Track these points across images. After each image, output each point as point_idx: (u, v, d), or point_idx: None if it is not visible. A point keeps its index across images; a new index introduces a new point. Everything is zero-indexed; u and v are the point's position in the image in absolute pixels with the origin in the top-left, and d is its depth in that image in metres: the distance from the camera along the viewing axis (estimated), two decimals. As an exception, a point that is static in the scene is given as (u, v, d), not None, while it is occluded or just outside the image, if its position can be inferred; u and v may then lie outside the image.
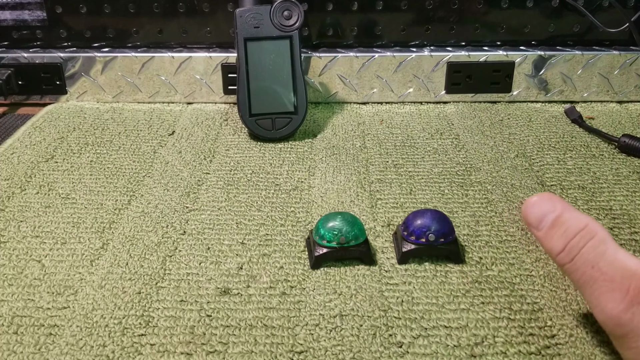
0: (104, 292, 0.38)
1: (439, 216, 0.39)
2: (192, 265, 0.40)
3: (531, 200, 0.32)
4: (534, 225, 0.32)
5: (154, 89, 0.66)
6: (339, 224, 0.39)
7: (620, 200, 0.48)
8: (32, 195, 0.48)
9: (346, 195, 0.48)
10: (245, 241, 0.43)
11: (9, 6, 0.65)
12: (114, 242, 0.42)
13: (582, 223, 0.30)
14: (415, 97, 0.67)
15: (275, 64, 0.57)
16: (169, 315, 0.36)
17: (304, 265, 0.40)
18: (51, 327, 0.35)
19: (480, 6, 0.65)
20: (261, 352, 0.33)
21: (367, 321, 0.35)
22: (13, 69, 0.65)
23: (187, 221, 0.45)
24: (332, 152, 0.56)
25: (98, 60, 0.65)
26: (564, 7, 0.65)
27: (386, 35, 0.66)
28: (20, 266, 0.40)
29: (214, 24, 0.65)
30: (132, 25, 0.66)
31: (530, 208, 0.32)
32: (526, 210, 0.33)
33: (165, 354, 0.33)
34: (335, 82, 0.66)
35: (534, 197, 0.32)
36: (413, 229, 0.39)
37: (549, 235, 0.31)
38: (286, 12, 0.56)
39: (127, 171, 0.52)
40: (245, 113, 0.57)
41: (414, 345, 0.33)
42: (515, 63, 0.65)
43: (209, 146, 0.57)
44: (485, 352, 0.33)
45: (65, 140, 0.58)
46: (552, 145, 0.57)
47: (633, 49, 0.65)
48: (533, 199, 0.32)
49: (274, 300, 0.37)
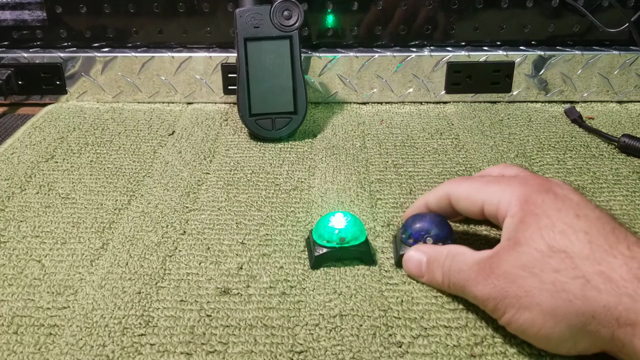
0: (104, 292, 0.38)
1: (438, 220, 0.39)
2: (192, 265, 0.40)
3: (406, 256, 0.38)
4: (417, 274, 0.38)
5: (154, 89, 0.66)
6: (339, 223, 0.39)
7: (620, 200, 0.48)
8: (32, 195, 0.48)
9: (346, 195, 0.48)
10: (245, 241, 0.43)
11: (9, 6, 0.65)
12: (114, 242, 0.42)
13: (445, 250, 0.36)
14: (415, 97, 0.67)
15: (275, 64, 0.57)
16: (169, 315, 0.36)
17: (304, 265, 0.40)
18: (51, 327, 0.35)
19: (480, 6, 0.65)
20: (261, 352, 0.33)
21: (367, 321, 0.35)
22: (13, 69, 0.65)
23: (187, 221, 0.45)
24: (332, 152, 0.56)
25: (98, 60, 0.65)
26: (564, 7, 0.65)
27: (386, 35, 0.66)
28: (20, 266, 0.40)
29: (214, 24, 0.65)
30: (132, 25, 0.66)
31: (407, 263, 0.38)
32: (406, 267, 0.39)
33: (165, 353, 0.33)
34: (335, 82, 0.66)
35: (407, 253, 0.38)
36: (412, 232, 0.39)
37: (431, 275, 0.37)
38: (286, 12, 0.56)
39: (127, 171, 0.52)
40: (245, 113, 0.57)
41: (414, 345, 0.33)
42: (515, 63, 0.65)
43: (209, 146, 0.57)
44: (485, 352, 0.33)
45: (65, 140, 0.58)
46: (552, 145, 0.57)
47: (633, 49, 0.65)
48: (407, 255, 0.38)
49: (274, 300, 0.37)
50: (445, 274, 0.35)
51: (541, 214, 0.32)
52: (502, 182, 0.36)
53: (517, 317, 0.31)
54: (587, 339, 0.30)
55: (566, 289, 0.29)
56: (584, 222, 0.31)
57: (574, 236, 0.30)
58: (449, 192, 0.38)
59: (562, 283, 0.29)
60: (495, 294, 0.31)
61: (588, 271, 0.29)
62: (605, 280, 0.28)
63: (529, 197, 0.33)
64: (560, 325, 0.29)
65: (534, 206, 0.32)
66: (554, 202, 0.32)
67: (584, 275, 0.29)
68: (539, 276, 0.30)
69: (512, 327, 0.32)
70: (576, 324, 0.29)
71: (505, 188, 0.35)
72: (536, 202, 0.33)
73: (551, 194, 0.33)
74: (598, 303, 0.28)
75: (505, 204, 0.34)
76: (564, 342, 0.30)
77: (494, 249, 0.33)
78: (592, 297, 0.28)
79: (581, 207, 0.32)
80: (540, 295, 0.30)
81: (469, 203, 0.37)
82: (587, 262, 0.29)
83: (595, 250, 0.30)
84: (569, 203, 0.32)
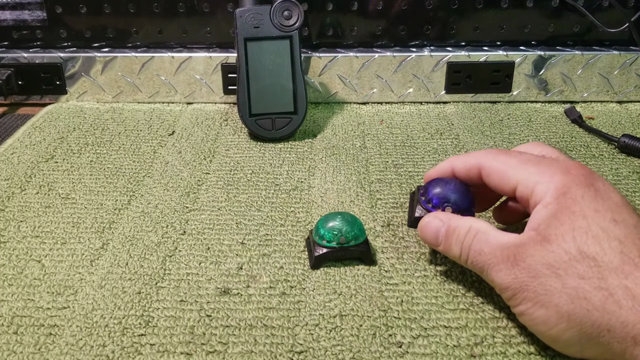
0: (104, 292, 0.38)
1: (463, 189, 0.37)
2: (192, 265, 0.40)
3: (423, 222, 0.37)
4: (433, 242, 0.36)
5: (154, 89, 0.66)
6: (338, 224, 0.39)
7: (620, 200, 0.48)
8: (32, 195, 0.48)
9: (346, 195, 0.48)
10: (245, 241, 0.43)
11: (9, 6, 0.65)
12: (114, 242, 0.42)
13: (467, 225, 0.34)
14: (415, 97, 0.67)
15: (275, 64, 0.57)
16: (168, 315, 0.36)
17: (304, 265, 0.40)
18: (51, 327, 0.35)
19: (480, 6, 0.65)
20: (261, 352, 0.33)
21: (367, 321, 0.35)
22: (13, 69, 0.65)
23: (187, 221, 0.45)
24: (332, 152, 0.56)
25: (98, 60, 0.65)
26: (563, 7, 0.65)
27: (386, 35, 0.66)
28: (20, 266, 0.40)
29: (214, 24, 0.65)
30: (132, 25, 0.66)
31: (424, 229, 0.37)
32: (423, 233, 0.37)
33: (165, 354, 0.33)
34: (335, 82, 0.66)
35: (425, 219, 0.37)
36: (432, 197, 0.38)
37: (447, 246, 0.35)
38: (286, 12, 0.56)
39: (127, 171, 0.52)
40: (245, 113, 0.57)
41: (414, 345, 0.33)
42: (515, 63, 0.65)
43: (209, 146, 0.57)
44: (485, 352, 0.33)
45: (65, 140, 0.58)
46: (552, 145, 0.57)
47: (633, 49, 0.65)
48: (424, 221, 0.37)
49: (273, 300, 0.37)
50: (464, 251, 0.34)
51: (578, 212, 0.30)
52: (542, 164, 0.33)
53: (532, 312, 0.30)
54: (596, 348, 0.29)
55: (587, 298, 0.28)
56: (621, 229, 0.30)
57: (606, 243, 0.29)
58: (482, 163, 0.36)
59: (585, 291, 0.29)
60: (516, 285, 0.31)
61: (613, 284, 0.28)
62: (629, 297, 0.28)
63: (569, 190, 0.31)
64: (573, 330, 0.29)
65: (572, 201, 0.31)
66: (594, 201, 0.31)
67: (608, 288, 0.28)
68: (562, 278, 0.29)
69: (523, 318, 0.32)
70: (589, 333, 0.29)
71: (545, 172, 0.33)
72: (575, 197, 0.31)
73: (592, 190, 0.31)
74: (617, 318, 0.28)
75: (542, 190, 0.32)
76: (571, 346, 0.30)
77: (520, 237, 0.32)
78: (611, 311, 0.28)
79: (620, 211, 0.31)
80: (560, 298, 0.29)
81: (502, 179, 0.34)
82: (614, 274, 0.28)
83: (625, 262, 0.29)
84: (608, 204, 0.31)
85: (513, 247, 0.31)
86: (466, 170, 0.37)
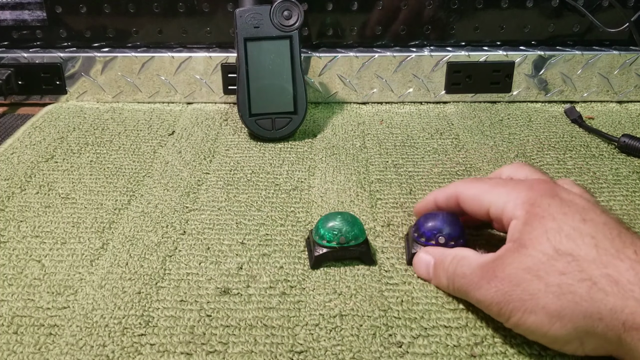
0: (104, 292, 0.38)
1: (451, 219, 0.39)
2: (192, 265, 0.40)
3: (416, 258, 0.39)
4: (425, 276, 0.38)
5: (153, 89, 0.66)
6: (338, 224, 0.39)
7: (620, 200, 0.48)
8: (32, 195, 0.48)
9: (346, 195, 0.48)
10: (245, 241, 0.43)
11: (9, 6, 0.65)
12: (114, 242, 0.42)
13: (452, 254, 0.36)
14: (415, 97, 0.67)
15: (275, 64, 0.57)
16: (168, 315, 0.36)
17: (304, 265, 0.40)
18: (51, 327, 0.35)
19: (480, 6, 0.65)
20: (261, 352, 0.33)
21: (367, 321, 0.35)
22: (13, 69, 0.65)
23: (187, 221, 0.45)
24: (332, 152, 0.56)
25: (98, 60, 0.65)
26: (563, 7, 0.65)
27: (386, 35, 0.66)
28: (20, 266, 0.40)
29: (214, 24, 0.65)
30: (132, 25, 0.66)
31: (416, 265, 0.39)
32: (415, 269, 0.39)
33: (165, 354, 0.33)
34: (335, 82, 0.66)
35: (417, 255, 0.39)
36: (424, 231, 0.39)
37: (436, 277, 0.37)
38: (286, 12, 0.56)
39: (127, 171, 0.52)
40: (245, 113, 0.57)
41: (414, 345, 0.33)
42: (515, 63, 0.65)
43: (208, 146, 0.57)
44: (485, 352, 0.33)
45: (65, 140, 0.58)
46: (552, 145, 0.57)
47: (633, 49, 0.65)
48: (417, 257, 0.39)
49: (273, 300, 0.37)
50: (449, 278, 0.35)
51: (547, 216, 0.32)
52: (508, 184, 0.36)
53: (524, 321, 0.31)
54: (594, 340, 0.29)
55: (572, 291, 0.29)
56: (590, 226, 0.31)
57: (580, 240, 0.30)
58: (458, 192, 0.38)
59: (569, 285, 0.29)
60: (499, 298, 0.31)
61: (595, 274, 0.29)
62: (612, 283, 0.28)
63: (535, 201, 0.33)
64: (568, 327, 0.29)
65: (540, 209, 0.32)
66: (560, 206, 0.32)
67: (591, 278, 0.29)
68: (544, 279, 0.30)
69: (518, 329, 0.32)
70: (583, 325, 0.29)
71: (511, 191, 0.35)
72: (542, 205, 0.33)
73: (557, 199, 0.33)
74: (605, 305, 0.28)
75: (511, 206, 0.34)
76: (571, 343, 0.30)
77: (497, 252, 0.33)
78: (598, 299, 0.28)
79: (587, 212, 0.32)
80: (546, 298, 0.30)
81: (476, 204, 0.37)
82: (593, 265, 0.29)
83: (601, 254, 0.29)
84: (574, 207, 0.32)
85: (491, 263, 0.32)
86: (446, 200, 0.39)
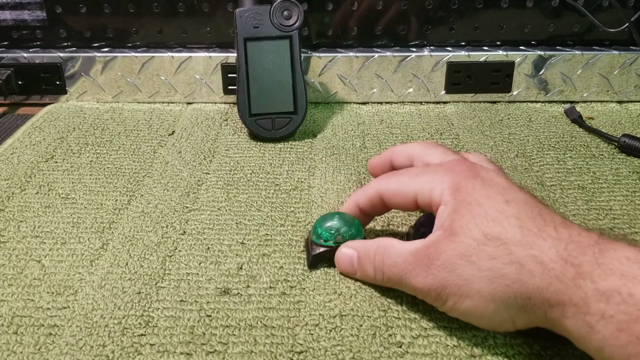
0: (104, 292, 0.37)
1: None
2: (191, 265, 0.40)
3: (338, 253, 0.38)
4: (350, 271, 0.38)
5: (153, 89, 0.66)
6: (336, 223, 0.39)
7: (620, 200, 0.48)
8: (31, 195, 0.48)
9: (346, 195, 0.48)
10: (245, 241, 0.43)
11: (9, 6, 0.65)
12: (114, 242, 0.42)
13: (374, 246, 0.36)
14: (415, 97, 0.67)
15: (275, 64, 0.57)
16: (168, 315, 0.36)
17: (304, 265, 0.40)
18: (51, 327, 0.35)
19: (480, 6, 0.65)
20: (261, 352, 0.33)
21: (367, 321, 0.35)
22: (13, 68, 0.65)
23: (187, 221, 0.45)
24: (332, 152, 0.56)
25: (98, 60, 0.65)
26: (563, 7, 0.65)
27: (386, 35, 0.66)
28: (20, 266, 0.40)
29: (214, 24, 0.65)
30: (132, 25, 0.66)
31: (339, 261, 0.38)
32: (338, 264, 0.39)
33: (165, 354, 0.33)
34: (335, 82, 0.66)
35: (339, 250, 0.38)
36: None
37: (363, 271, 0.37)
38: (286, 12, 0.56)
39: (127, 171, 0.52)
40: (245, 113, 0.57)
41: (414, 345, 0.33)
42: (515, 63, 0.65)
43: (208, 146, 0.57)
44: (485, 353, 0.33)
45: (65, 140, 0.58)
46: (552, 145, 0.57)
47: (633, 49, 0.65)
48: (339, 252, 0.38)
49: (273, 300, 0.37)
50: (377, 269, 0.36)
51: (473, 202, 0.33)
52: (429, 172, 0.36)
53: (459, 305, 0.32)
54: (524, 317, 0.31)
55: (503, 275, 0.30)
56: (514, 207, 0.32)
57: (505, 222, 0.31)
58: (380, 190, 0.38)
59: (499, 269, 0.30)
60: (437, 284, 0.32)
61: (521, 256, 0.30)
62: (537, 264, 0.29)
63: (459, 185, 0.34)
64: (501, 309, 0.31)
65: (466, 194, 0.33)
66: (483, 189, 0.33)
67: (519, 260, 0.30)
68: (477, 264, 0.31)
69: (453, 313, 0.33)
70: (515, 306, 0.30)
71: (434, 177, 0.35)
72: (467, 189, 0.33)
73: (479, 180, 0.34)
74: (532, 286, 0.29)
75: (437, 193, 0.34)
76: (504, 322, 0.31)
77: (427, 239, 0.33)
78: (526, 280, 0.29)
79: (508, 192, 0.33)
80: (480, 283, 0.31)
81: (402, 198, 0.37)
82: (519, 247, 0.30)
83: (526, 235, 0.30)
84: (496, 188, 0.33)
85: (424, 249, 0.33)
86: (369, 200, 0.39)
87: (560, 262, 0.29)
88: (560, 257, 0.29)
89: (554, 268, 0.29)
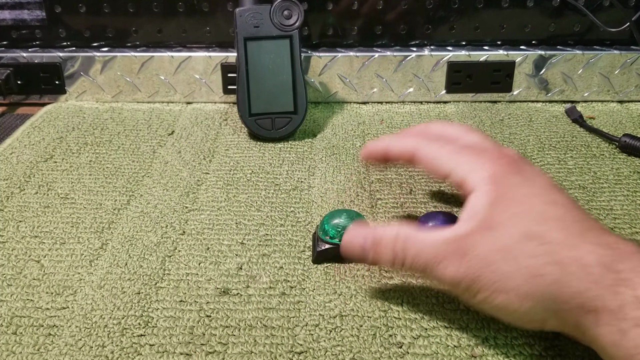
0: (103, 292, 0.37)
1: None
2: (191, 266, 0.40)
3: (347, 236, 0.36)
4: (358, 254, 0.35)
5: (153, 88, 0.66)
6: (343, 221, 0.39)
7: (621, 200, 0.47)
8: (31, 195, 0.48)
9: (346, 195, 0.48)
10: (244, 241, 0.42)
11: (8, 6, 0.65)
12: (113, 242, 0.42)
13: (393, 232, 0.34)
14: (416, 96, 0.67)
15: (275, 63, 0.57)
16: (168, 315, 0.36)
17: (304, 266, 0.40)
18: (50, 328, 0.35)
19: (481, 6, 0.65)
20: (261, 352, 0.33)
21: (367, 321, 0.35)
22: (12, 68, 0.65)
23: (187, 221, 0.45)
24: (332, 152, 0.56)
25: (97, 60, 0.65)
26: (564, 6, 0.65)
27: (386, 35, 0.66)
28: (19, 266, 0.40)
29: (214, 23, 0.65)
30: (132, 25, 0.66)
31: (349, 244, 0.36)
32: (348, 248, 0.36)
33: (164, 354, 0.33)
34: (335, 81, 0.66)
35: (348, 234, 0.36)
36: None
37: (378, 256, 0.34)
38: (286, 12, 0.56)
39: (127, 171, 0.52)
40: (245, 113, 0.57)
41: (414, 346, 0.33)
42: (515, 62, 0.65)
43: (208, 146, 0.57)
44: (486, 353, 0.33)
45: (64, 140, 0.58)
46: (553, 145, 0.57)
47: (634, 49, 0.65)
48: (348, 235, 0.36)
49: (273, 300, 0.37)
50: (398, 256, 0.34)
51: (513, 198, 0.32)
52: (472, 154, 0.35)
53: (492, 300, 0.31)
54: (556, 320, 0.30)
55: (542, 274, 0.29)
56: (558, 208, 0.31)
57: (547, 223, 0.31)
58: (417, 149, 0.37)
59: (539, 268, 0.29)
60: (469, 276, 0.31)
61: (564, 256, 0.29)
62: (579, 267, 0.29)
63: (500, 177, 0.33)
64: (536, 308, 0.30)
65: (507, 188, 0.32)
66: (525, 187, 0.32)
67: (561, 261, 0.29)
68: (515, 261, 0.30)
69: (482, 306, 0.32)
70: (551, 307, 0.29)
71: (475, 162, 0.34)
72: (508, 184, 0.32)
73: (520, 177, 0.33)
74: (570, 288, 0.29)
75: (474, 179, 0.33)
76: (534, 322, 0.31)
77: (458, 229, 0.32)
78: (566, 282, 0.29)
79: (551, 193, 0.32)
80: (517, 280, 0.30)
81: (435, 166, 0.36)
82: (563, 247, 0.30)
83: (569, 236, 0.30)
84: (538, 188, 0.33)
85: (457, 240, 0.32)
86: (399, 154, 0.38)
87: (599, 267, 0.28)
88: (600, 263, 0.29)
89: (593, 273, 0.28)
